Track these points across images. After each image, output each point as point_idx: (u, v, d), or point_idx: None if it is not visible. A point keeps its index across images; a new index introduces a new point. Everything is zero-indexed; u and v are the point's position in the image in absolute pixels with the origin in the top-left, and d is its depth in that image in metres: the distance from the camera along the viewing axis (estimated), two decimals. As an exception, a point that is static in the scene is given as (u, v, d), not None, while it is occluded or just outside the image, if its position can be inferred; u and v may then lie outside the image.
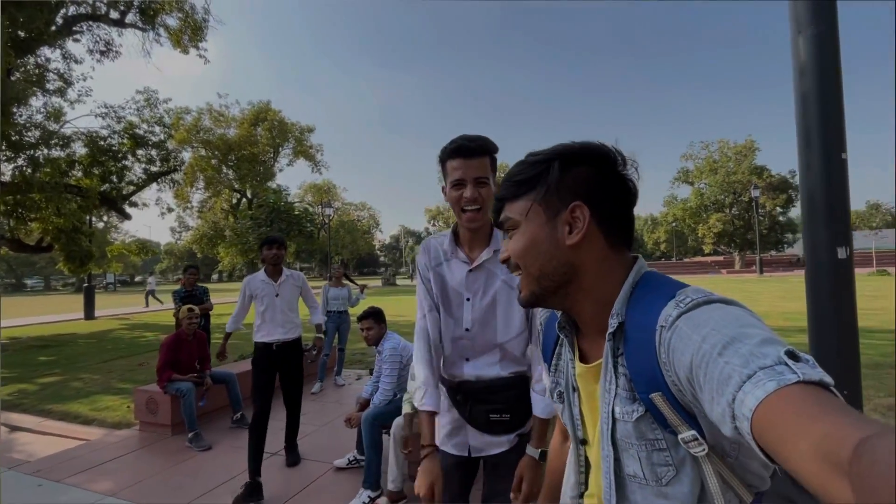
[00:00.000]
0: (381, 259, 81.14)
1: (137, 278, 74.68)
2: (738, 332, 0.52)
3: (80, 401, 5.49)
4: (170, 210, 21.47)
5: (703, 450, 0.60)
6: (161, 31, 13.49)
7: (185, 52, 14.04)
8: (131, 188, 15.26)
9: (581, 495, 0.83)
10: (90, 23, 12.42)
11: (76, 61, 12.54)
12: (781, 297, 15.19)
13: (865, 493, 0.33)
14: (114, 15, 12.58)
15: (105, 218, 23.36)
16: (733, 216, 41.56)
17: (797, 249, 44.78)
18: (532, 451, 1.38)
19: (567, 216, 0.70)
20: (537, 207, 0.72)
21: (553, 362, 0.85)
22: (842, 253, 2.46)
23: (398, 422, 2.81)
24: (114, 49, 12.97)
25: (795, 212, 46.34)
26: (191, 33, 13.73)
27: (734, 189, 40.85)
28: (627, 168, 0.72)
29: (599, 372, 0.71)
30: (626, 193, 0.73)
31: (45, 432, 4.60)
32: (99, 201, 12.92)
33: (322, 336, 3.76)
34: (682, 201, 44.78)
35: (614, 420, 0.67)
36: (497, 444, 1.47)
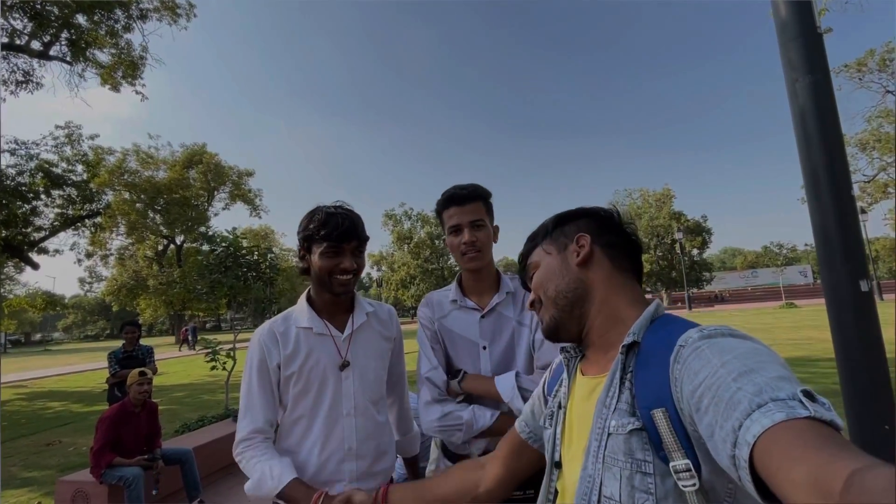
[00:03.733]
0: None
1: (36, 336, 65.19)
2: (758, 364, 0.52)
3: (-31, 499, 4.31)
4: (88, 256, 19.11)
5: (694, 485, 0.57)
6: (90, 65, 12.49)
7: (116, 89, 13.06)
8: (42, 233, 13.40)
9: None
10: (7, 52, 11.20)
11: (-14, 91, 11.13)
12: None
13: None
14: (36, 45, 11.47)
15: (-1, 268, 20.36)
16: (658, 257, 44.96)
17: (714, 286, 49.13)
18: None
19: (574, 246, 0.83)
20: (548, 246, 0.87)
21: (555, 389, 0.88)
22: (864, 286, 2.50)
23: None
24: (33, 80, 11.71)
25: (709, 252, 51.25)
26: (125, 70, 12.86)
27: (657, 233, 44.48)
28: (626, 224, 0.86)
29: (599, 385, 0.73)
30: (629, 238, 0.84)
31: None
32: (0, 248, 11.14)
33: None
34: (613, 244, 47.83)
35: (608, 435, 0.66)
36: None
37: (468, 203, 1.38)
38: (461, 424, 1.30)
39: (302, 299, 1.37)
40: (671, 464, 0.59)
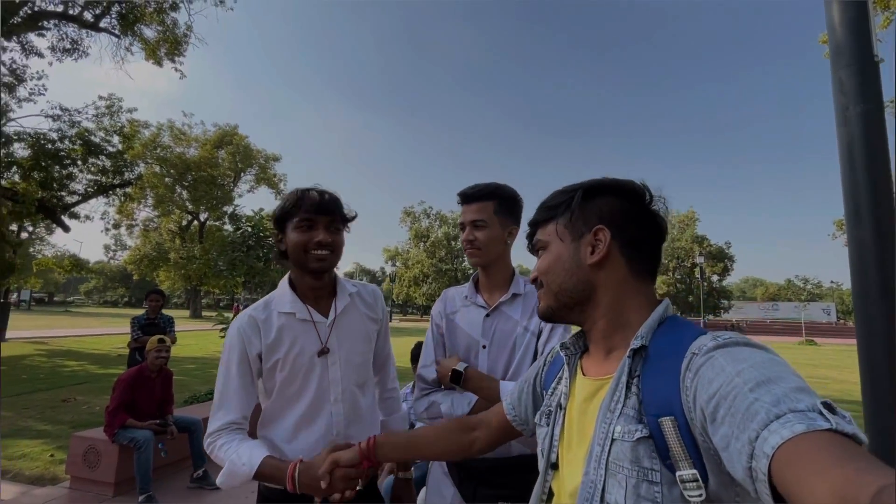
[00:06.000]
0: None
1: (57, 297, 67.48)
2: (775, 374, 0.50)
3: (-13, 445, 4.47)
4: (115, 226, 19.70)
5: (701, 496, 0.55)
6: (136, 39, 12.87)
7: (159, 64, 13.44)
8: (75, 198, 13.84)
9: None
10: (59, 21, 11.63)
11: (38, 55, 11.57)
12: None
13: None
14: (88, 17, 11.88)
15: (31, 228, 21.10)
16: (675, 280, 44.18)
17: (732, 315, 48.03)
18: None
19: (590, 238, 0.75)
20: (562, 229, 0.78)
21: (553, 385, 0.86)
22: (900, 327, 2.41)
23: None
24: (80, 49, 12.13)
25: (729, 280, 49.93)
26: (169, 47, 13.22)
27: (677, 255, 43.69)
28: (655, 203, 0.76)
29: (602, 388, 0.71)
30: (655, 227, 0.76)
31: (-64, 487, 3.63)
32: (35, 208, 11.55)
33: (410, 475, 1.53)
34: (631, 262, 47.04)
35: (612, 440, 0.64)
36: None
37: (473, 202, 1.41)
38: (442, 415, 1.37)
39: (284, 283, 1.30)
40: (677, 473, 0.58)
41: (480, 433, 0.99)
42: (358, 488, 1.01)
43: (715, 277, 44.78)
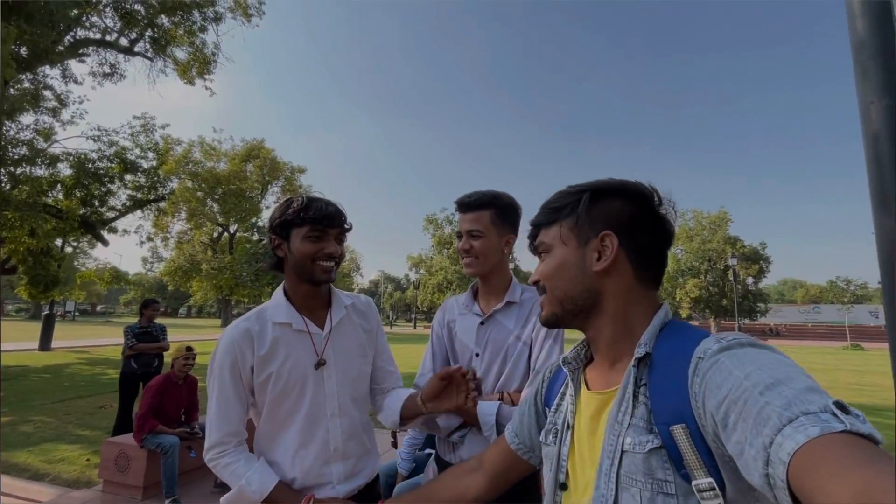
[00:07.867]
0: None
1: (100, 307, 70.83)
2: (784, 375, 0.49)
3: (30, 449, 4.74)
4: (150, 239, 20.59)
5: (719, 503, 0.54)
6: (169, 61, 13.52)
7: (191, 83, 14.04)
8: (113, 213, 14.57)
9: None
10: (97, 48, 12.34)
11: (76, 82, 12.29)
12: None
13: None
14: (124, 42, 12.56)
15: (75, 243, 22.27)
16: (708, 283, 42.65)
17: (770, 319, 45.95)
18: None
19: (597, 244, 0.72)
20: (568, 233, 0.75)
21: (556, 402, 0.83)
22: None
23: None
24: (118, 72, 12.83)
25: (766, 282, 47.79)
26: (199, 66, 13.81)
27: (709, 257, 42.22)
28: (664, 207, 0.74)
29: (609, 400, 0.69)
30: (663, 232, 0.74)
31: (-17, 488, 3.86)
32: (77, 224, 12.20)
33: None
34: (659, 265, 45.79)
35: (622, 452, 0.62)
36: None
37: (470, 211, 1.40)
38: (439, 428, 1.37)
39: (279, 294, 1.27)
40: (693, 482, 0.56)
41: (476, 476, 0.93)
42: None
43: (750, 280, 43.00)
